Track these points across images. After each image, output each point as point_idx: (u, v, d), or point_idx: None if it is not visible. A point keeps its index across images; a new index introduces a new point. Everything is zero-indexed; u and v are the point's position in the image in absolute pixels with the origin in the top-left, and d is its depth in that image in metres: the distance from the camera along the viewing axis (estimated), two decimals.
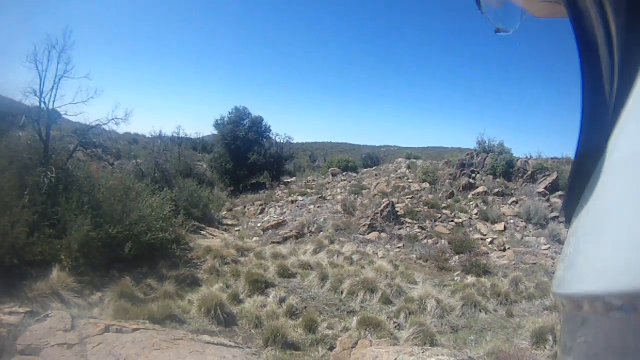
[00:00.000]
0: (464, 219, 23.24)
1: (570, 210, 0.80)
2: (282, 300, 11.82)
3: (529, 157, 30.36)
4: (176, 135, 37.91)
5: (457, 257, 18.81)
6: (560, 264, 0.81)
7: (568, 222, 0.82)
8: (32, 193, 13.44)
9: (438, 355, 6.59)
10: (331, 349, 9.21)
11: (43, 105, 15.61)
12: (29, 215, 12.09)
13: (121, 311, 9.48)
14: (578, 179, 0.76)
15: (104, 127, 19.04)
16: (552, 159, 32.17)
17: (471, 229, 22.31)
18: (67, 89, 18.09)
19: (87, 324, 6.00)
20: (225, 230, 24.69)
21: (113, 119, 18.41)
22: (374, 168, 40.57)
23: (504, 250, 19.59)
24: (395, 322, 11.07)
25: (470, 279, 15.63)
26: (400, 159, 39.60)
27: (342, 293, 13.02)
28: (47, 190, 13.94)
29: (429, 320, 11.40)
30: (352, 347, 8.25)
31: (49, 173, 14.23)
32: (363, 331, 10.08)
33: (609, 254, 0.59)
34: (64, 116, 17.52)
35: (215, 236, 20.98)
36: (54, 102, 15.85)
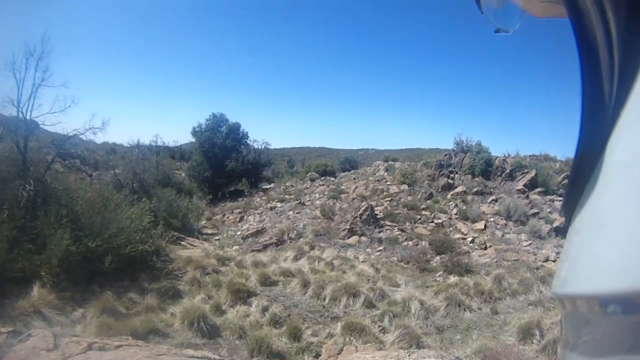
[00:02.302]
0: (444, 219, 23.41)
1: (570, 210, 0.79)
2: (264, 309, 11.77)
3: (507, 155, 30.80)
4: (154, 144, 37.63)
5: (438, 257, 18.90)
6: (560, 264, 0.81)
7: (568, 222, 0.81)
8: (11, 207, 13.19)
9: (424, 357, 6.60)
10: (317, 356, 9.20)
11: (21, 115, 15.31)
12: (8, 231, 11.92)
13: (104, 327, 9.37)
14: (578, 178, 0.75)
15: (81, 136, 18.81)
16: (530, 156, 32.75)
17: (451, 228, 22.47)
18: (44, 97, 17.87)
19: (70, 342, 5.93)
20: (205, 239, 24.63)
21: (90, 129, 18.18)
22: (352, 172, 40.91)
23: (485, 249, 19.77)
24: (379, 326, 11.09)
25: (453, 279, 15.73)
26: (378, 162, 39.96)
27: (324, 299, 12.98)
28: (25, 203, 13.72)
29: (413, 322, 11.45)
30: (338, 354, 8.25)
31: (27, 186, 14.00)
32: (348, 336, 10.04)
33: (610, 254, 0.59)
34: (42, 126, 17.26)
35: (195, 246, 20.80)
36: (31, 111, 15.54)
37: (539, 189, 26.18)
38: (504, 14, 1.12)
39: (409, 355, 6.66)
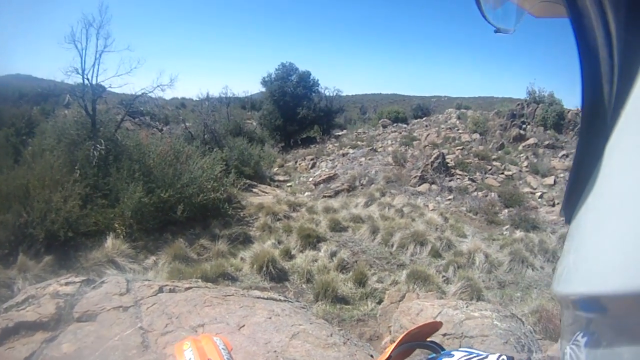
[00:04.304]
0: (514, 172, 23.08)
1: (570, 210, 0.81)
2: (333, 254, 12.01)
3: (579, 109, 29.72)
4: (224, 96, 37.32)
5: (506, 210, 18.70)
6: (560, 263, 0.82)
7: (568, 222, 0.83)
8: (83, 167, 13.95)
9: (481, 310, 6.67)
10: (380, 302, 9.39)
11: (86, 82, 15.80)
12: (80, 189, 12.54)
13: (175, 272, 9.90)
14: (578, 178, 0.77)
15: (149, 94, 19.34)
16: None
17: (521, 182, 22.17)
18: (109, 62, 18.28)
19: (142, 286, 6.25)
20: (277, 186, 24.90)
21: (158, 86, 18.74)
22: (424, 119, 40.34)
23: (553, 205, 19.35)
24: (443, 276, 11.21)
25: (519, 234, 15.59)
26: (450, 109, 39.08)
27: (392, 246, 13.13)
28: (97, 162, 14.40)
29: (476, 274, 11.53)
30: (400, 300, 8.37)
31: (97, 146, 14.64)
32: (412, 284, 10.21)
33: (610, 254, 0.61)
34: (109, 89, 17.64)
35: (267, 193, 21.15)
36: (97, 77, 16.02)
37: None
38: (503, 14, 1.12)
39: (467, 307, 6.75)
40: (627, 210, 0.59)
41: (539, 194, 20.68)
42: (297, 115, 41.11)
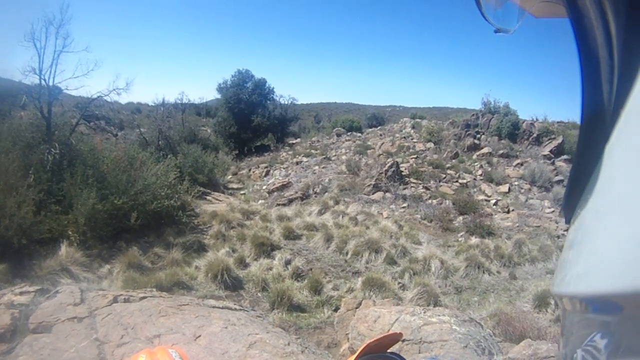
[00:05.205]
0: (469, 180, 23.38)
1: (570, 210, 0.80)
2: (287, 263, 12.02)
3: (534, 119, 30.13)
4: (179, 102, 37.02)
5: (461, 217, 18.96)
6: (560, 264, 0.81)
7: (568, 222, 0.82)
8: (37, 171, 13.48)
9: (439, 315, 6.70)
10: (336, 309, 9.42)
11: (43, 82, 15.43)
12: (34, 194, 12.14)
13: (129, 281, 9.67)
14: (578, 178, 0.76)
15: (105, 98, 18.99)
16: (557, 122, 31.86)
17: (475, 189, 22.48)
18: (66, 63, 17.82)
19: (96, 296, 6.08)
20: (231, 194, 24.74)
21: (114, 90, 18.36)
22: (378, 128, 40.55)
23: (508, 212, 19.74)
24: (399, 283, 11.28)
25: (474, 240, 15.82)
26: (405, 119, 39.28)
27: (347, 254, 13.18)
28: (51, 167, 13.99)
29: (433, 280, 11.66)
30: (356, 308, 8.37)
31: (52, 149, 14.25)
32: (368, 292, 10.30)
33: (609, 254, 0.60)
34: (65, 91, 17.34)
35: (220, 201, 21.02)
36: (54, 78, 15.64)
37: (565, 157, 25.54)
38: (503, 14, 1.11)
39: (424, 312, 6.77)
40: (628, 210, 0.57)
41: (493, 201, 21.01)
42: (251, 122, 41.02)
